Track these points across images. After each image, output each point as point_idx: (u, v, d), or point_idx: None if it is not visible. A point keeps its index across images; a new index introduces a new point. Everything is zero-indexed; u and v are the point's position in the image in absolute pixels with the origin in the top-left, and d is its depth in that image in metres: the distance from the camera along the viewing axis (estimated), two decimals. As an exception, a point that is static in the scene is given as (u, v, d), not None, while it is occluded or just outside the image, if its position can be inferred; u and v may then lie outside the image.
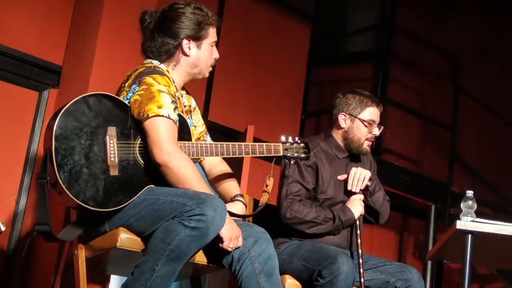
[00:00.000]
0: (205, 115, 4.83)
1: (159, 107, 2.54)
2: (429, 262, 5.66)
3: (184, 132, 2.67)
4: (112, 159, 2.50)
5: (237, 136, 4.37)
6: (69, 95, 2.54)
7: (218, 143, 2.69)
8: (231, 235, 2.52)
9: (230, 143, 2.69)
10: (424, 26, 6.20)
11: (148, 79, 2.60)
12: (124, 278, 2.55)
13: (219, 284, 3.64)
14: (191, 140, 2.70)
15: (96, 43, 3.79)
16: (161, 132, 2.52)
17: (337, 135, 3.33)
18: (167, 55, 2.73)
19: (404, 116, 5.86)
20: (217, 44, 2.83)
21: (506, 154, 6.52)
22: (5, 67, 3.87)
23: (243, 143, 2.72)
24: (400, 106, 5.81)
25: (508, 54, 6.50)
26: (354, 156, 3.34)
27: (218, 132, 4.80)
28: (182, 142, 2.62)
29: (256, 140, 3.78)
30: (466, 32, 6.44)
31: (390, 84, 5.79)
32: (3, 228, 3.46)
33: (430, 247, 5.63)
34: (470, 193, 2.96)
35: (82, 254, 2.68)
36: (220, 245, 2.52)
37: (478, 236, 2.87)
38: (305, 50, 5.62)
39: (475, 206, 2.93)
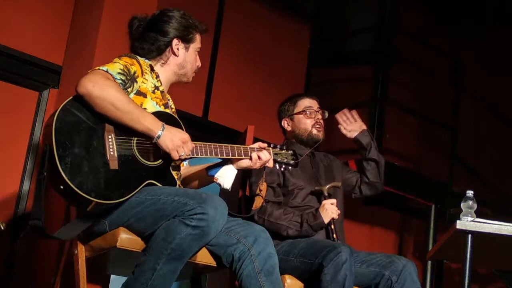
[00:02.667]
0: (205, 115, 4.84)
1: (102, 66, 2.57)
2: (429, 262, 5.66)
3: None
4: (112, 153, 2.50)
5: (237, 136, 4.37)
6: (69, 95, 2.54)
7: (212, 143, 2.71)
8: (173, 145, 2.53)
9: (223, 144, 2.72)
10: (424, 26, 6.20)
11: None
12: (124, 278, 2.55)
13: (219, 284, 3.64)
14: None
15: (96, 43, 3.79)
16: (93, 71, 2.53)
17: (292, 140, 3.48)
18: (157, 52, 2.80)
19: (404, 116, 5.86)
20: (216, 44, 2.86)
21: (506, 154, 6.52)
22: (5, 67, 3.87)
23: (235, 145, 2.75)
24: (400, 106, 5.81)
25: (508, 54, 6.50)
26: (314, 153, 3.49)
27: (218, 132, 4.80)
28: None
29: (256, 140, 3.78)
30: (466, 32, 6.44)
31: (390, 84, 5.79)
32: (2, 228, 3.46)
33: (430, 247, 5.63)
34: (470, 193, 2.96)
35: (82, 254, 2.68)
36: (174, 159, 2.54)
37: (478, 236, 2.86)
38: (305, 50, 5.62)
39: (475, 206, 2.93)
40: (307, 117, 3.44)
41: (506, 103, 6.56)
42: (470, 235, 2.86)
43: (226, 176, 2.77)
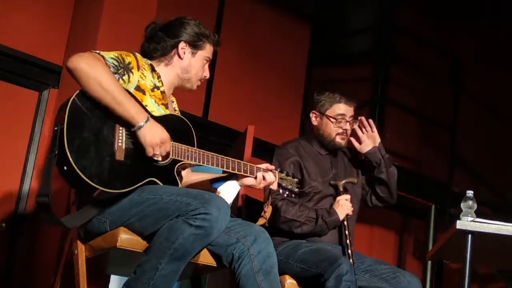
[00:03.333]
0: (205, 115, 4.84)
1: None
2: (429, 262, 5.66)
3: (186, 138, 2.69)
4: (120, 144, 2.51)
5: (237, 136, 4.37)
6: (69, 95, 2.54)
7: (220, 155, 2.71)
8: (151, 141, 2.49)
9: (231, 158, 2.73)
10: (424, 26, 6.20)
11: None
12: (124, 278, 2.55)
13: (219, 284, 3.64)
14: (195, 145, 2.72)
15: (96, 43, 3.79)
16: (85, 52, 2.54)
17: (314, 134, 3.38)
18: (162, 52, 2.81)
19: (404, 116, 5.86)
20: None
21: (506, 154, 6.52)
22: (5, 67, 3.87)
23: (242, 162, 2.76)
24: (400, 106, 5.81)
25: (508, 54, 6.50)
26: (336, 153, 3.39)
27: (218, 132, 4.80)
28: (186, 146, 2.64)
29: (256, 140, 3.79)
30: (466, 32, 6.44)
31: (390, 84, 5.79)
32: (3, 226, 3.46)
33: (430, 247, 5.63)
34: (470, 193, 2.95)
35: (82, 254, 2.68)
36: (148, 155, 2.50)
37: (478, 236, 2.86)
38: (305, 50, 5.62)
39: (475, 206, 2.92)
40: (335, 125, 3.30)
41: (506, 103, 6.56)
42: (470, 235, 2.86)
43: (228, 191, 2.78)
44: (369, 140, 3.39)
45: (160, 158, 2.55)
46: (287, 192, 2.88)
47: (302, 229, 3.15)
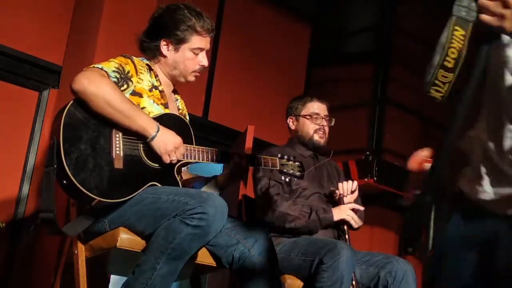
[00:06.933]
0: (205, 115, 4.84)
1: (97, 64, 2.58)
2: (429, 262, 5.65)
3: (187, 136, 2.69)
4: (118, 152, 2.51)
5: (237, 136, 4.37)
6: (69, 95, 2.54)
7: (207, 148, 2.71)
8: (165, 149, 2.54)
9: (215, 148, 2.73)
10: (424, 26, 6.19)
11: None
12: (124, 278, 2.55)
13: (219, 284, 3.64)
14: (193, 143, 2.71)
15: (96, 43, 3.79)
16: (88, 69, 2.55)
17: (294, 139, 3.49)
18: (150, 54, 2.80)
19: (404, 116, 5.86)
20: (216, 44, 2.85)
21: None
22: (5, 67, 3.87)
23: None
24: (400, 106, 5.81)
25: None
26: (317, 155, 3.47)
27: (218, 132, 4.80)
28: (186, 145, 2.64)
29: (256, 140, 3.78)
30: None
31: (390, 84, 5.79)
32: (2, 226, 3.46)
33: (430, 247, 5.62)
34: (470, 192, 2.95)
35: (82, 254, 2.68)
36: (165, 163, 2.55)
37: (478, 236, 2.86)
38: (305, 50, 5.62)
39: (476, 205, 2.92)
40: (312, 122, 3.44)
41: (506, 103, 6.56)
42: (470, 235, 2.86)
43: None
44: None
45: (176, 161, 2.58)
46: (288, 177, 2.90)
47: (295, 223, 3.18)
